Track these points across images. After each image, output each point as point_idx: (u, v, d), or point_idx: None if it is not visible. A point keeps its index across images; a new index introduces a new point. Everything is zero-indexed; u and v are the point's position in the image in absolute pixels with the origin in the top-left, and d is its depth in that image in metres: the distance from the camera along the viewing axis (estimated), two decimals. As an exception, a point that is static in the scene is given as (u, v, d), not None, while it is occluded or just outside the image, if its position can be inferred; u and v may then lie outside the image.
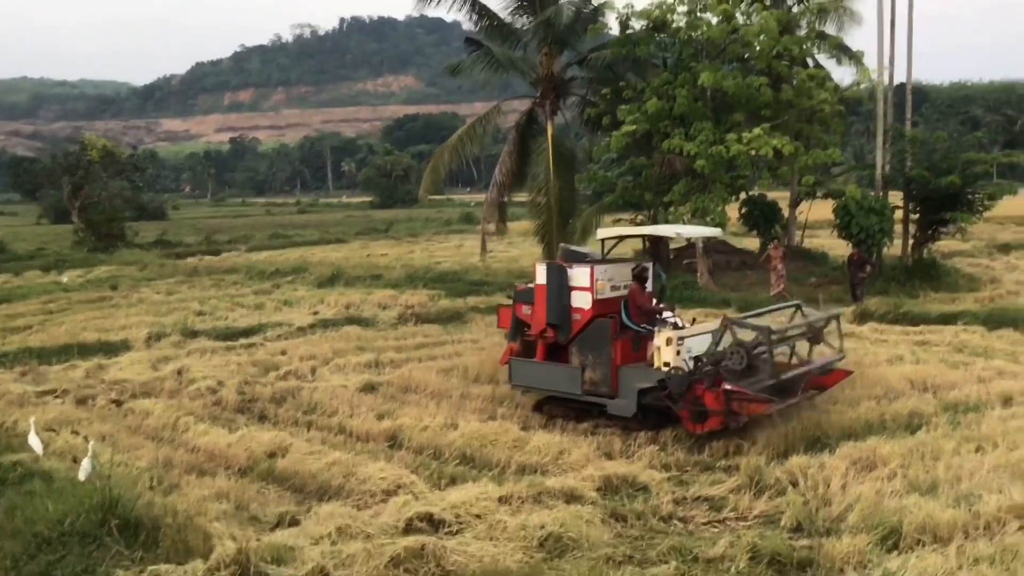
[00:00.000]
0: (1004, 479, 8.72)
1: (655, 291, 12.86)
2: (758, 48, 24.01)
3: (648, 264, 12.72)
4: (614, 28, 27.20)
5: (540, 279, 12.37)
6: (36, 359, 17.09)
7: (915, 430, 10.91)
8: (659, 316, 12.04)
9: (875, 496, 8.54)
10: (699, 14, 24.38)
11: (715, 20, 24.14)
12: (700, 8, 24.35)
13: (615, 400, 11.61)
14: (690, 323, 12.77)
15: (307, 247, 47.04)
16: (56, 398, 14.32)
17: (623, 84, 26.07)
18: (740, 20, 24.33)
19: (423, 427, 11.72)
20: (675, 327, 11.66)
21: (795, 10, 26.96)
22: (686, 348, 11.10)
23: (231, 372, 15.54)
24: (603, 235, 13.32)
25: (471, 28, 29.89)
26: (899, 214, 25.57)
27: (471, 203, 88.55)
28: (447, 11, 34.58)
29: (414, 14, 33.84)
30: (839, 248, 28.20)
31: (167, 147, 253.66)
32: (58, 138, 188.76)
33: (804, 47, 25.22)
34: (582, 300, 12.09)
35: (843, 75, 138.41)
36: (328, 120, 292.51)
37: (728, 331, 11.01)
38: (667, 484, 9.50)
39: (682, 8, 24.80)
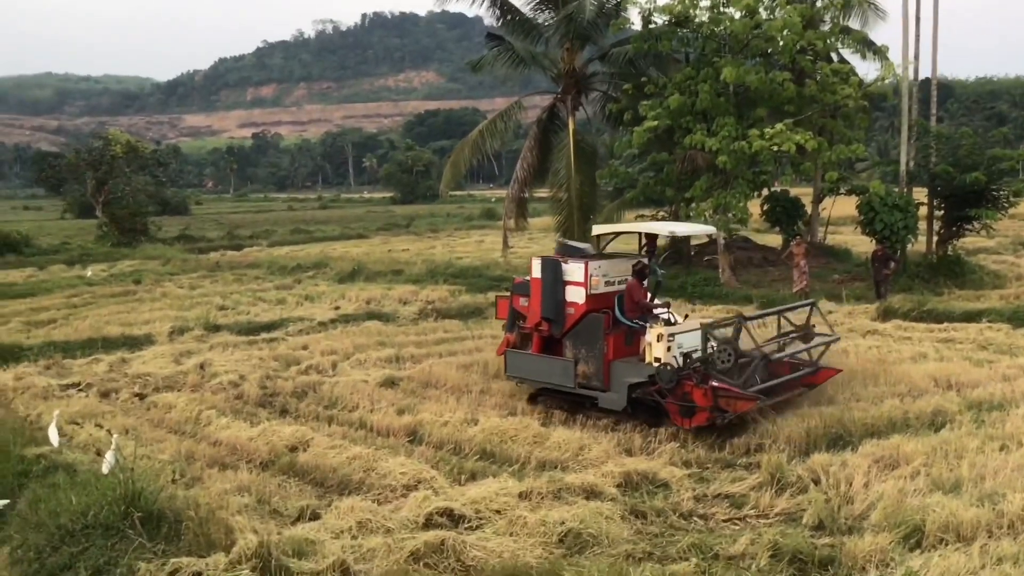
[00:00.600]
0: (1029, 478, 8.62)
1: (650, 286, 12.93)
2: (781, 43, 23.82)
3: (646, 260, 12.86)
4: (636, 23, 27.16)
5: (535, 273, 12.48)
6: (60, 353, 17.25)
7: (939, 428, 10.85)
8: (653, 312, 12.22)
9: (898, 494, 8.48)
10: (722, 9, 24.20)
11: (738, 15, 23.96)
12: (723, 3, 24.17)
13: (606, 393, 11.80)
14: (683, 318, 12.93)
15: (328, 242, 47.10)
16: (80, 391, 14.47)
17: (645, 79, 26.02)
18: (763, 15, 24.12)
19: (443, 422, 11.76)
20: (667, 323, 11.84)
21: (819, 4, 26.72)
22: (676, 344, 11.24)
23: (253, 366, 15.62)
24: (597, 231, 13.62)
25: (493, 23, 29.98)
26: (923, 210, 25.38)
27: (492, 199, 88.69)
28: (469, 6, 34.66)
29: (436, 9, 33.78)
30: (862, 245, 28.03)
31: (190, 142, 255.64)
32: (82, 133, 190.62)
33: (828, 42, 24.97)
34: (576, 295, 12.22)
35: (867, 70, 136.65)
36: (350, 116, 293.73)
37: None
38: (687, 481, 9.47)
39: (705, 3, 24.63)
